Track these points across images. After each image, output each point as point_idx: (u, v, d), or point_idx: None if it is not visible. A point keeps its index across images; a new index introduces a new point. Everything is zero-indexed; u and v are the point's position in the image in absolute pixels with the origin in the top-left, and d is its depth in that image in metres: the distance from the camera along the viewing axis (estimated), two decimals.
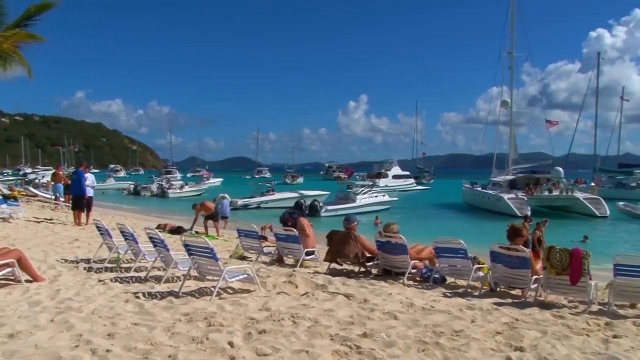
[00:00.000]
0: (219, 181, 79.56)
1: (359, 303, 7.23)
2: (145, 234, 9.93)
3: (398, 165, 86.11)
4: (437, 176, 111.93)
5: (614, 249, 18.22)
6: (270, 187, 45.48)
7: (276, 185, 50.78)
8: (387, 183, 73.21)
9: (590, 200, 42.07)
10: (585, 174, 68.87)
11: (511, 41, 49.90)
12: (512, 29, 49.79)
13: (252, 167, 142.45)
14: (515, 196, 41.60)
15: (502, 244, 8.51)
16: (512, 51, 49.92)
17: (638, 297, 7.76)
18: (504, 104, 50.95)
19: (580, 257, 7.58)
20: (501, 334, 5.85)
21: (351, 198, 39.99)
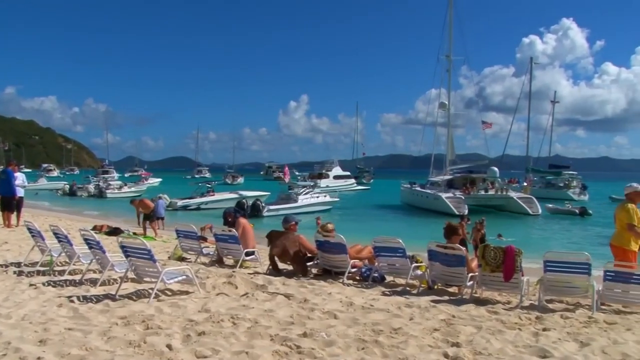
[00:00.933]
0: (157, 181, 78.00)
1: (299, 303, 7.25)
2: (80, 235, 9.64)
3: (339, 166, 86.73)
4: (377, 176, 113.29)
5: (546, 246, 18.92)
6: (211, 188, 44.94)
7: (216, 186, 50.22)
8: (328, 183, 73.65)
9: (524, 200, 43.72)
10: (518, 174, 71.18)
11: (449, 45, 51.11)
12: (450, 33, 51.01)
13: (192, 167, 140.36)
14: (453, 195, 42.62)
15: (440, 242, 8.71)
16: (450, 55, 51.13)
17: (566, 292, 8.11)
18: (442, 106, 52.08)
19: (513, 254, 7.86)
20: (438, 331, 5.99)
21: (293, 198, 39.99)
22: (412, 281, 9.12)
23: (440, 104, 52.30)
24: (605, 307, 8.02)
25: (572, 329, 6.37)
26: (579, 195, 65.01)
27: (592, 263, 7.83)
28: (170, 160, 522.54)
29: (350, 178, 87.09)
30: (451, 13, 50.82)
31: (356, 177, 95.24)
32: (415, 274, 9.14)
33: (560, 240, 29.64)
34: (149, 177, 79.47)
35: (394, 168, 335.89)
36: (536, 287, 8.42)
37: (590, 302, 7.80)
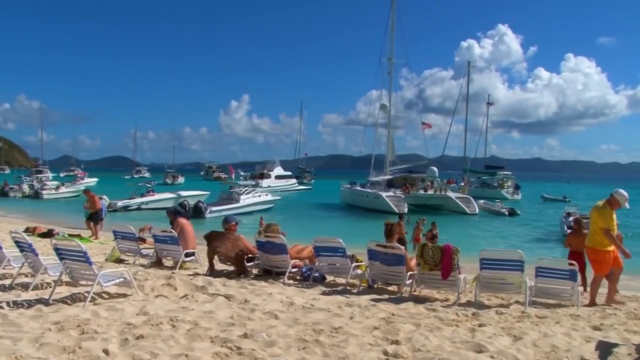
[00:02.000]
0: (94, 181, 75.66)
1: (239, 304, 7.20)
2: (10, 238, 9.25)
3: (280, 166, 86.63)
4: (318, 176, 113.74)
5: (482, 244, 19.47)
6: (151, 188, 44.04)
7: (157, 186, 49.29)
8: (270, 183, 73.55)
9: (461, 199, 44.86)
10: (456, 175, 72.93)
11: (391, 48, 51.84)
12: (392, 36, 51.73)
13: (131, 167, 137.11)
14: (393, 194, 43.25)
15: (379, 242, 8.83)
16: (391, 57, 51.85)
17: (500, 288, 8.40)
18: (382, 107, 52.72)
19: (450, 253, 8.06)
20: (378, 329, 6.07)
21: (234, 198, 39.68)
22: (353, 280, 9.21)
23: (380, 106, 52.94)
24: (537, 302, 8.36)
25: (506, 324, 6.59)
26: (512, 194, 67.33)
27: (524, 260, 8.14)
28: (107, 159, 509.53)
29: (292, 178, 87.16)
30: (393, 17, 51.60)
31: (297, 177, 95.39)
32: (355, 273, 9.24)
33: (494, 238, 30.55)
34: (84, 176, 77.07)
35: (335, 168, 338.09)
36: (473, 284, 8.65)
37: (523, 297, 8.10)
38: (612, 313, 8.06)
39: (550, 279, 8.40)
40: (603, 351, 5.36)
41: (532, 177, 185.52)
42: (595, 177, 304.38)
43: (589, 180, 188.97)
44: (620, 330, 6.49)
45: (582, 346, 5.56)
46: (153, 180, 64.70)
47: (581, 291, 9.57)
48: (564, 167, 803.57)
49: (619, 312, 8.10)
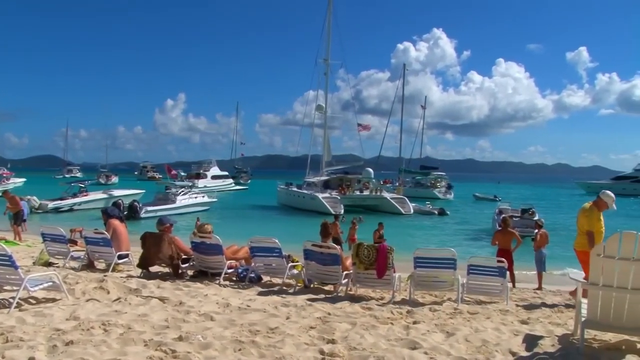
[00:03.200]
0: (21, 181, 72.63)
1: (174, 306, 7.08)
2: None
3: (216, 166, 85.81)
4: (255, 177, 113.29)
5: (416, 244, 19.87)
6: (84, 188, 42.74)
7: (90, 186, 47.85)
8: (206, 183, 72.74)
9: (397, 200, 45.69)
10: (392, 175, 74.21)
11: (327, 50, 52.22)
12: (328, 38, 52.16)
13: (61, 166, 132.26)
14: (329, 195, 43.55)
15: (315, 241, 8.87)
16: (327, 59, 52.25)
17: (434, 286, 8.61)
18: (318, 108, 53.06)
19: (385, 252, 8.19)
20: (314, 328, 6.09)
21: (170, 199, 39.06)
22: (289, 280, 9.22)
23: (317, 106, 53.28)
24: (468, 299, 8.61)
25: (439, 321, 6.76)
26: (445, 194, 69.16)
27: (457, 258, 8.38)
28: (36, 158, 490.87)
29: (228, 178, 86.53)
30: (329, 18, 51.98)
31: (234, 177, 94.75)
32: (291, 273, 9.25)
33: (428, 238, 31.27)
34: (10, 177, 73.82)
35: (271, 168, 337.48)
36: (407, 282, 8.82)
37: (456, 294, 8.33)
38: (538, 307, 8.42)
39: (481, 276, 8.68)
40: (529, 344, 5.58)
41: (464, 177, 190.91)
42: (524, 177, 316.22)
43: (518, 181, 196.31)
44: (545, 324, 6.78)
45: (510, 340, 5.77)
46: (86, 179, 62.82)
47: (510, 287, 9.93)
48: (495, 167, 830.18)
49: (544, 307, 8.47)
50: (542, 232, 15.10)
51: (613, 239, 5.02)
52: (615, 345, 5.49)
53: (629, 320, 5.15)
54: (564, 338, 5.83)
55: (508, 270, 9.39)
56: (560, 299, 10.35)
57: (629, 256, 4.97)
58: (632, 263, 4.97)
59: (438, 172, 79.99)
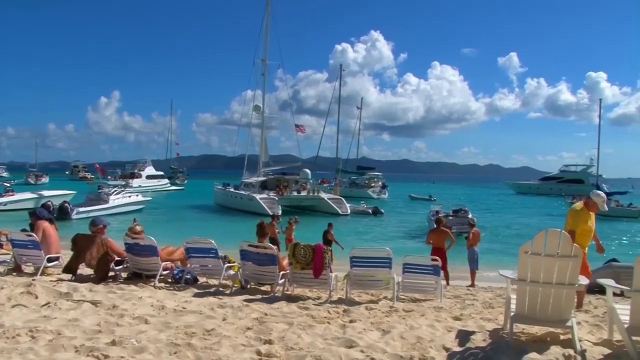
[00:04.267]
0: None
1: (107, 309, 6.88)
2: None
3: (152, 166, 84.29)
4: (191, 177, 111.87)
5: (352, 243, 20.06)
6: (9, 188, 41.04)
7: (17, 186, 46.02)
8: (141, 183, 71.39)
9: (334, 200, 46.10)
10: (329, 175, 74.79)
11: (265, 50, 52.08)
12: (266, 38, 52.04)
13: None
14: (267, 196, 43.50)
15: (252, 242, 8.83)
16: (265, 59, 52.12)
17: (370, 285, 8.73)
18: (256, 108, 52.89)
19: (321, 252, 8.25)
20: (251, 329, 6.06)
21: (103, 199, 38.04)
22: (225, 281, 9.13)
23: (254, 107, 53.08)
24: (404, 297, 8.77)
25: (375, 319, 6.85)
26: (379, 194, 70.27)
27: (392, 257, 8.52)
28: None
29: (164, 178, 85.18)
30: (268, 19, 51.88)
31: (170, 177, 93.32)
32: (228, 274, 9.16)
33: (365, 237, 31.69)
34: None
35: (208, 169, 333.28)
36: (344, 282, 8.90)
37: (391, 293, 8.47)
38: (471, 304, 8.67)
39: (416, 275, 8.86)
40: (462, 339, 5.74)
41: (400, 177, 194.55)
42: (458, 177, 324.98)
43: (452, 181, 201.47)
44: (477, 319, 6.99)
45: (444, 336, 5.91)
46: (12, 179, 60.29)
47: (444, 285, 10.18)
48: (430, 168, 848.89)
49: (476, 303, 8.72)
50: (475, 230, 15.57)
51: (539, 237, 5.23)
52: (541, 338, 5.74)
53: (553, 313, 5.40)
54: (494, 333, 6.03)
55: (442, 268, 9.63)
56: (492, 295, 10.70)
57: (554, 253, 5.20)
58: (556, 259, 5.20)
59: (375, 172, 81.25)
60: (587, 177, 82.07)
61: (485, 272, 16.32)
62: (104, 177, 48.84)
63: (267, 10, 51.88)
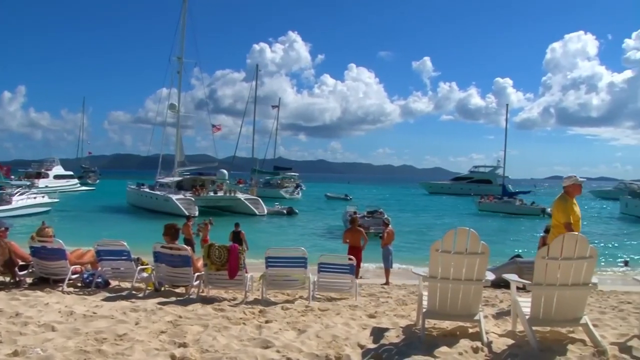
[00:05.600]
0: None
1: (9, 318, 6.50)
2: None
3: (60, 165, 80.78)
4: (103, 177, 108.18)
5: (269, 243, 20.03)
6: None
7: None
8: (48, 184, 68.33)
9: (251, 201, 45.95)
10: (246, 175, 74.43)
11: (181, 47, 51.09)
12: (182, 35, 51.08)
13: None
14: (183, 197, 42.75)
15: (165, 243, 8.64)
16: (181, 57, 51.13)
17: (286, 285, 8.76)
18: (171, 107, 51.86)
19: (236, 252, 8.19)
20: (165, 333, 5.93)
21: (5, 200, 36.08)
22: (138, 284, 8.88)
23: (170, 105, 52.04)
24: (320, 296, 8.85)
25: (291, 319, 6.86)
26: (292, 194, 70.56)
27: (307, 257, 8.58)
28: None
29: (73, 178, 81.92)
30: (184, 16, 50.96)
31: (80, 177, 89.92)
32: (141, 276, 8.92)
33: (281, 237, 31.76)
34: None
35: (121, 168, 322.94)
36: (259, 282, 8.88)
37: (307, 292, 8.53)
38: (385, 301, 8.87)
39: (331, 274, 8.97)
40: (376, 336, 5.86)
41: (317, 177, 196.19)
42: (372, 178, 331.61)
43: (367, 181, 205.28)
44: (391, 316, 7.16)
45: (359, 333, 6.01)
46: None
47: (360, 283, 10.35)
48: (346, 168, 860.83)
49: (390, 300, 8.93)
50: (389, 230, 15.91)
51: (448, 236, 5.42)
52: (452, 332, 5.96)
53: (463, 308, 5.64)
54: (407, 329, 6.20)
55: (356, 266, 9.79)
56: (405, 292, 10.99)
57: (463, 250, 5.41)
58: (465, 256, 5.41)
59: (291, 172, 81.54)
60: (494, 177, 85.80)
61: (399, 270, 16.73)
62: (6, 177, 46.35)
63: (183, 7, 51.07)
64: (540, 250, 5.41)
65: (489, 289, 11.18)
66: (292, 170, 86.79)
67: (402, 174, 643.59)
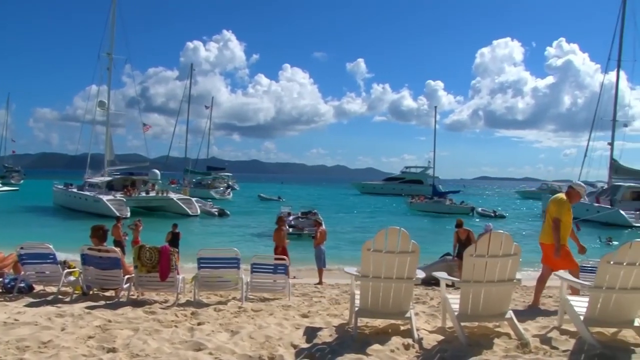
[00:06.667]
0: None
1: None
2: None
3: None
4: (28, 176, 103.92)
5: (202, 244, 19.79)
6: None
7: None
8: None
9: (183, 201, 45.32)
10: (179, 175, 73.28)
11: (111, 43, 49.64)
12: (112, 30, 49.62)
13: None
14: (114, 197, 41.70)
15: (93, 246, 8.39)
16: (111, 53, 49.68)
17: (218, 286, 8.69)
18: (101, 104, 50.37)
19: (168, 254, 8.06)
20: (93, 338, 5.75)
21: None
22: (65, 288, 8.58)
23: (99, 103, 50.52)
24: (253, 296, 8.82)
25: (224, 320, 6.81)
26: (223, 194, 69.95)
27: (240, 257, 8.54)
28: None
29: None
30: (114, 10, 49.55)
31: (3, 177, 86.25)
32: (67, 280, 8.62)
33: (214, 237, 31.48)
34: None
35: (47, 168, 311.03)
36: (192, 283, 8.76)
37: (240, 293, 8.49)
38: (318, 301, 8.92)
39: (264, 274, 8.95)
40: (309, 335, 5.89)
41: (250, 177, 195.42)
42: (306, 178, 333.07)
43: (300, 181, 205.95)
44: (324, 316, 7.21)
45: (292, 333, 6.02)
46: None
47: (292, 283, 10.37)
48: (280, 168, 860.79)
49: (323, 300, 8.99)
50: (321, 229, 16.04)
51: (380, 235, 5.52)
52: (384, 330, 6.08)
53: (394, 306, 5.76)
54: (340, 327, 6.26)
55: None
56: (338, 291, 11.09)
57: (394, 249, 5.52)
58: (396, 255, 5.53)
59: (225, 172, 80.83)
60: (425, 177, 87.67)
61: (332, 270, 16.87)
62: None
63: (113, 1, 49.58)
64: (468, 248, 5.58)
65: (420, 287, 11.45)
66: (226, 170, 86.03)
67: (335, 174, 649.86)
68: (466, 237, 14.34)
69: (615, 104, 52.04)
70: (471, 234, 14.45)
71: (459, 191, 76.07)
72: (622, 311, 5.60)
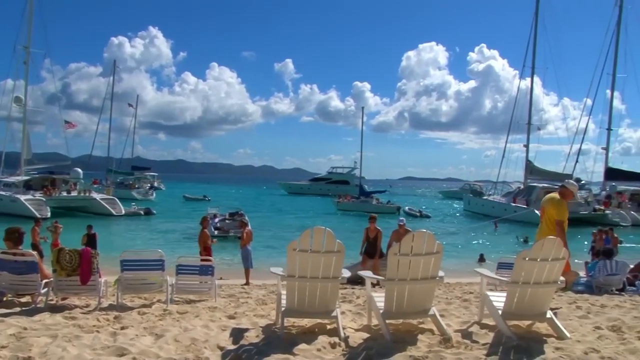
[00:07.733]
0: None
1: None
2: None
3: None
4: None
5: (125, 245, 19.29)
6: None
7: None
8: None
9: (107, 200, 44.14)
10: (102, 175, 71.14)
11: (28, 36, 47.45)
12: (30, 22, 47.38)
13: None
14: (32, 197, 40.13)
15: (6, 249, 8.01)
16: (28, 46, 47.48)
17: (143, 289, 8.50)
18: (17, 100, 48.12)
19: (89, 256, 7.80)
20: (7, 347, 5.46)
21: None
22: None
23: (15, 98, 48.21)
24: (178, 299, 8.67)
25: (148, 324, 6.64)
26: (145, 194, 68.48)
27: (165, 259, 8.38)
28: None
29: None
30: (32, 1, 47.38)
31: None
32: None
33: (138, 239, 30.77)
34: None
35: None
36: (114, 286, 8.53)
37: (165, 296, 8.33)
38: (245, 302, 8.88)
39: (189, 276, 8.83)
40: (236, 337, 5.85)
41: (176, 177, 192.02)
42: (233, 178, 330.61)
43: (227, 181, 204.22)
44: (250, 316, 7.17)
45: (218, 335, 5.95)
46: None
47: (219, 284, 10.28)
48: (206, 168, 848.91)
49: (250, 301, 8.96)
50: (247, 230, 15.99)
51: (305, 235, 5.55)
52: (310, 329, 6.11)
53: (320, 306, 5.81)
54: (267, 328, 6.25)
55: None
56: (265, 292, 11.08)
57: (320, 249, 5.57)
58: (322, 255, 5.57)
59: (150, 172, 79.10)
60: (351, 178, 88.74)
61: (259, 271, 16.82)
62: None
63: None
64: (392, 247, 5.70)
65: (346, 286, 11.59)
66: (151, 170, 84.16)
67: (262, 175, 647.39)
68: (375, 236, 14.52)
69: (530, 109, 54.68)
70: (380, 233, 14.65)
71: (385, 191, 77.50)
72: (536, 304, 5.87)
